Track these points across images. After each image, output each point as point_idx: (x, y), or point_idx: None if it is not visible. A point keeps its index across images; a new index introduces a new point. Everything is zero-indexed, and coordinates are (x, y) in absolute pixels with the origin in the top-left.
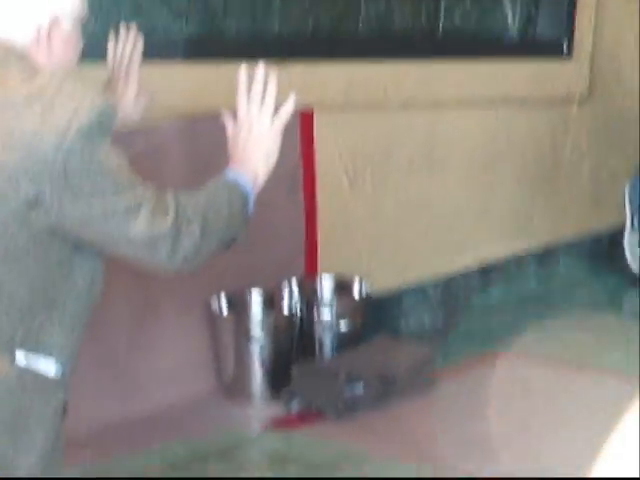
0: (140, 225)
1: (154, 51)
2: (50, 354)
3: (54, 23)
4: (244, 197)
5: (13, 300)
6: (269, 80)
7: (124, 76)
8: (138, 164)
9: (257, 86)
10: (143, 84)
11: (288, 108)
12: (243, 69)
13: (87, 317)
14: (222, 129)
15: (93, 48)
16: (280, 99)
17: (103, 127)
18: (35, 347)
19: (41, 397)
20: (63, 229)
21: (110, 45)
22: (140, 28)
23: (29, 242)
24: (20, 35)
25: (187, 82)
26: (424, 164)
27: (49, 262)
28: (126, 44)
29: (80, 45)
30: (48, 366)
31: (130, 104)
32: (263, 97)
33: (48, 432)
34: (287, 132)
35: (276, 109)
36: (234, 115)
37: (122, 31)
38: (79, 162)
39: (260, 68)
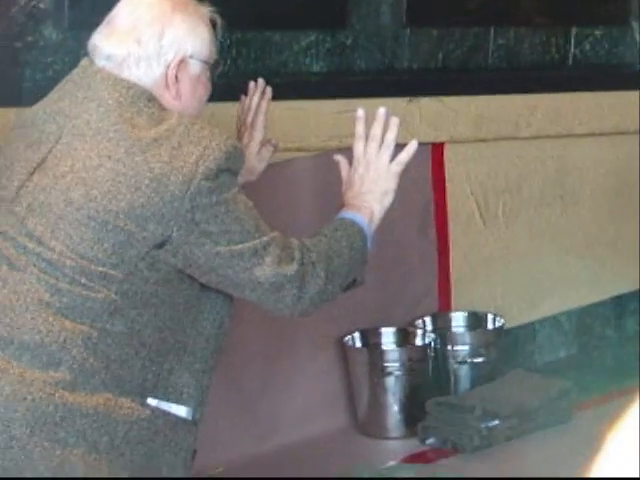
0: (267, 269)
1: (284, 89)
2: (180, 399)
3: (183, 65)
4: (363, 237)
5: (143, 344)
6: (391, 121)
7: (250, 127)
8: (270, 198)
9: (377, 125)
10: (268, 135)
11: (409, 151)
12: (360, 109)
13: (215, 362)
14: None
15: (223, 89)
16: (411, 133)
17: (230, 169)
18: (165, 392)
19: (173, 441)
20: (190, 271)
21: (242, 98)
22: (270, 66)
23: (158, 285)
24: (149, 77)
25: (318, 118)
26: (556, 196)
27: (177, 306)
28: (254, 95)
29: (209, 87)
30: (179, 410)
31: (254, 154)
32: (383, 137)
33: (179, 477)
34: (419, 167)
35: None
36: (348, 156)
37: (252, 83)
38: (206, 204)
39: (381, 109)
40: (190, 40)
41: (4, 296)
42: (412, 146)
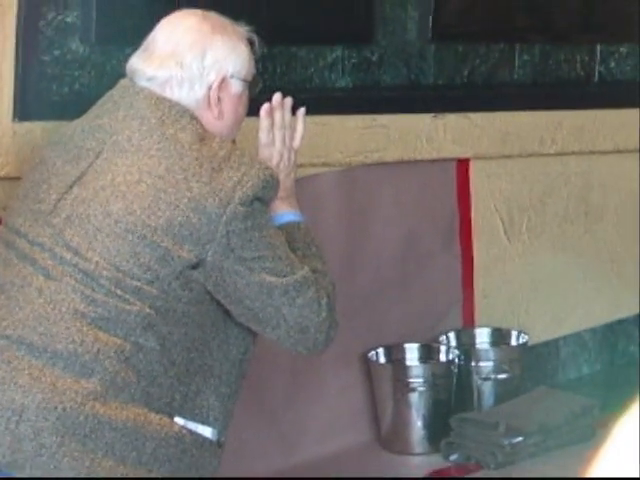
0: (296, 311)
1: (309, 104)
2: (207, 421)
3: (224, 85)
4: (311, 231)
5: (173, 363)
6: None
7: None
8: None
9: (297, 124)
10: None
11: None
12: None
13: (240, 388)
14: (378, 179)
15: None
16: (436, 149)
17: (265, 197)
18: (192, 413)
19: (199, 462)
20: (218, 297)
21: (262, 112)
22: (296, 81)
23: (190, 304)
24: (192, 98)
25: (343, 133)
26: (580, 213)
27: (206, 327)
28: (277, 111)
29: (247, 107)
30: (205, 431)
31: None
32: (297, 130)
33: None
34: (444, 183)
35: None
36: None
37: (274, 97)
38: (241, 229)
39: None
40: (231, 60)
41: (40, 305)
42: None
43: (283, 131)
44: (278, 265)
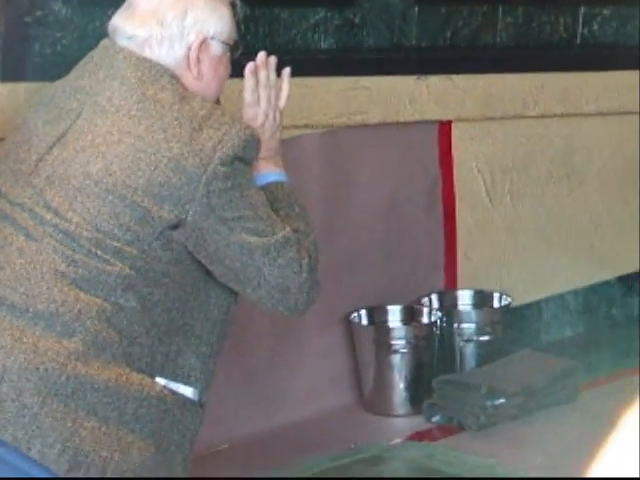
0: (276, 272)
1: (292, 65)
2: (188, 381)
3: (204, 47)
4: (294, 191)
5: (154, 323)
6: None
7: (255, 101)
8: None
9: (282, 81)
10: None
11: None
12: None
13: (221, 348)
14: (360, 141)
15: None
16: (418, 111)
17: (246, 158)
18: (173, 373)
19: (181, 422)
20: (199, 257)
21: (246, 71)
22: (279, 43)
23: (170, 264)
24: (171, 58)
25: (326, 95)
26: (563, 175)
27: (186, 287)
28: (261, 70)
29: (229, 68)
30: (186, 391)
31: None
32: (283, 89)
33: (185, 461)
34: (426, 145)
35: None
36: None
37: (259, 56)
38: (222, 188)
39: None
40: (212, 21)
41: (20, 266)
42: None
43: (268, 90)
44: (259, 225)
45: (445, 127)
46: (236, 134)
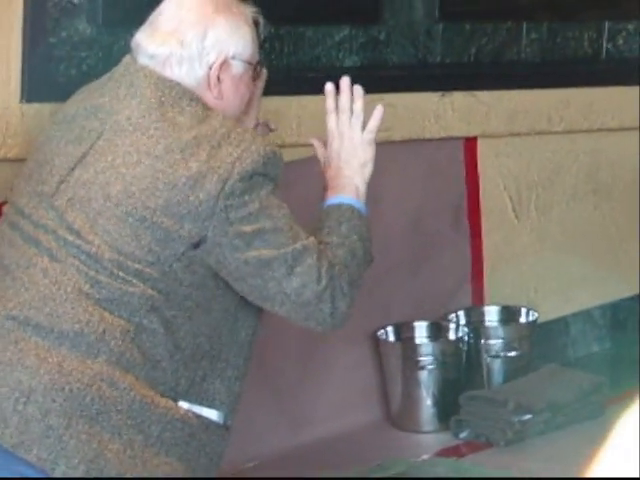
0: (295, 282)
1: (317, 83)
2: (212, 405)
3: (225, 66)
4: (364, 218)
5: (178, 347)
6: (355, 91)
7: (245, 109)
8: (303, 192)
9: (344, 96)
10: (263, 119)
11: (377, 117)
12: (329, 84)
13: (248, 370)
14: (386, 157)
15: None
16: (443, 127)
17: (267, 174)
18: (198, 397)
19: (208, 445)
20: (222, 275)
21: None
22: (304, 61)
23: (192, 288)
24: (191, 77)
25: None
26: (589, 191)
27: (214, 312)
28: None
29: (251, 87)
30: (210, 414)
31: None
32: (351, 107)
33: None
34: (452, 162)
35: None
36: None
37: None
38: (240, 203)
39: (345, 78)
40: (233, 41)
41: (45, 286)
42: (379, 111)
43: (347, 114)
44: (279, 237)
45: (470, 143)
46: (256, 150)
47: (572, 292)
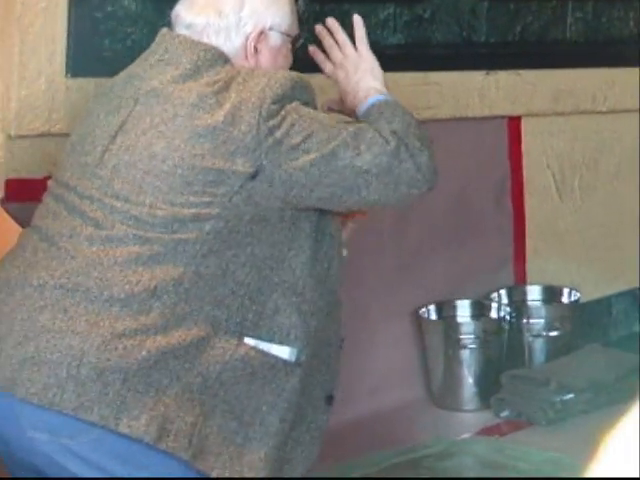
0: (367, 155)
1: None
2: (286, 340)
3: (262, 37)
4: (398, 101)
5: (240, 284)
6: (331, 25)
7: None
8: None
9: (327, 39)
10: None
11: (358, 25)
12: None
13: (329, 305)
14: (430, 136)
15: (302, 62)
16: (488, 106)
17: (297, 97)
18: (269, 332)
19: (273, 382)
20: (295, 195)
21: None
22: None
23: (253, 223)
24: (228, 47)
25: (395, 90)
26: (632, 171)
27: (282, 245)
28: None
29: (290, 59)
30: (280, 351)
31: None
32: (337, 39)
33: (282, 420)
34: (496, 140)
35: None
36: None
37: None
38: (279, 120)
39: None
40: (270, 12)
41: (92, 252)
42: (357, 19)
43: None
44: (330, 131)
45: (514, 122)
46: (282, 77)
47: (615, 272)
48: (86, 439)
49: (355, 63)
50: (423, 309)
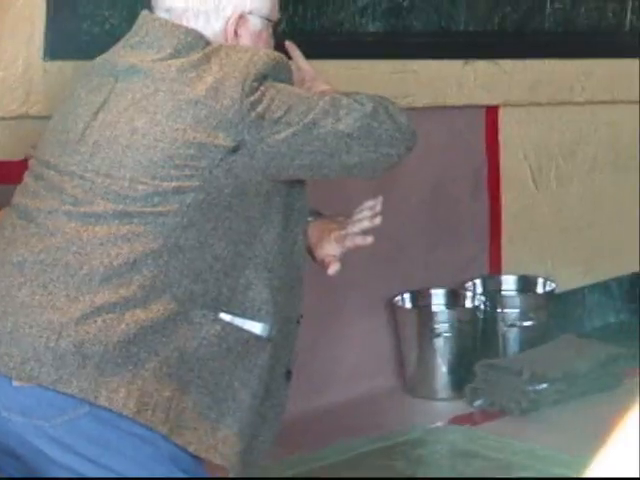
0: (347, 119)
1: (340, 48)
2: (257, 316)
3: (242, 21)
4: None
5: (217, 258)
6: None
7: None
8: None
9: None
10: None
11: (293, 52)
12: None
13: (294, 280)
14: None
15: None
16: (465, 95)
17: (279, 73)
18: (242, 307)
19: (246, 358)
20: (276, 166)
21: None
22: (327, 25)
23: (232, 196)
24: (208, 31)
25: (373, 78)
26: (608, 162)
27: (255, 220)
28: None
29: (271, 44)
30: (253, 327)
31: None
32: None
33: (254, 396)
34: (473, 130)
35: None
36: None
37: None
38: (259, 96)
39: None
40: None
41: (71, 228)
42: (289, 46)
43: None
44: (308, 102)
45: (492, 112)
46: (264, 54)
47: (590, 263)
48: (60, 421)
49: (303, 75)
50: (398, 297)
